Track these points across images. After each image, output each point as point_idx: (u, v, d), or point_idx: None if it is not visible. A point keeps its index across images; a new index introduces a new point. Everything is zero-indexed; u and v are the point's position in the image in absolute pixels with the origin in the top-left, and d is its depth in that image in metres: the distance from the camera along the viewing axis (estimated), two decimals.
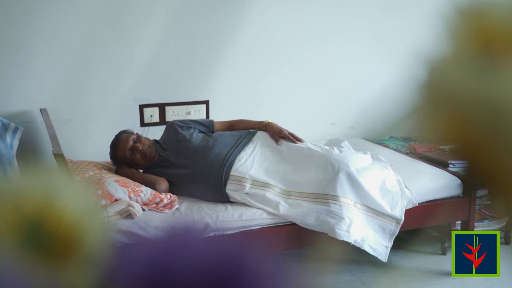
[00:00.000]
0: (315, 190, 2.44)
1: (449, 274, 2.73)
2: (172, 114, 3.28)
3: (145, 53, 3.16)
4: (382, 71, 3.61)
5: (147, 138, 2.75)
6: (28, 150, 2.89)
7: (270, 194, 2.44)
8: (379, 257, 2.40)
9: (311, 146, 2.62)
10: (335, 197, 2.38)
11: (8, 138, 2.53)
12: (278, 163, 2.59)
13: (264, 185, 2.47)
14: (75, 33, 2.97)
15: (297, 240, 2.37)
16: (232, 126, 2.86)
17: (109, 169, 2.68)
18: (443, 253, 2.94)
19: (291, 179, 2.51)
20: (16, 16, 2.85)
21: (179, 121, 2.80)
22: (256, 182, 2.48)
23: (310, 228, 2.35)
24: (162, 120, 3.28)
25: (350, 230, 2.32)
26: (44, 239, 0.37)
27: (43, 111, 2.83)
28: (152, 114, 3.25)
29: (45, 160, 2.88)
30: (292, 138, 2.68)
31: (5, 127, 2.57)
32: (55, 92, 3.01)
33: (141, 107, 3.22)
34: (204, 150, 2.59)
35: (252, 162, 2.57)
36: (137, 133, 2.74)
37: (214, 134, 2.73)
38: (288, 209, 2.39)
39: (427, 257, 2.93)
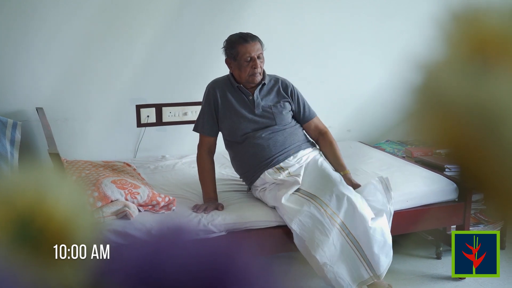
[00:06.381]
0: (309, 189, 2.40)
1: (444, 278, 2.74)
2: (169, 115, 3.28)
3: (142, 53, 3.16)
4: (379, 75, 3.61)
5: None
6: (24, 149, 2.88)
7: (291, 184, 2.43)
8: None
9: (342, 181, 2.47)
10: (322, 203, 2.33)
11: (8, 134, 2.55)
12: (310, 171, 2.51)
13: (297, 176, 2.46)
14: (73, 32, 2.97)
15: (291, 242, 2.37)
16: (319, 138, 2.65)
17: (105, 167, 2.66)
18: (438, 257, 2.94)
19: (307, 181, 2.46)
20: (14, 16, 2.85)
21: (293, 88, 2.64)
22: (290, 176, 2.47)
23: (295, 230, 2.31)
24: (159, 121, 3.28)
25: (326, 250, 2.25)
26: (36, 236, 0.37)
27: (39, 110, 2.82)
28: (149, 115, 3.24)
29: (41, 160, 2.87)
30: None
31: (4, 125, 2.58)
32: (51, 91, 3.01)
33: (138, 107, 3.22)
34: (277, 127, 2.53)
35: (300, 161, 2.52)
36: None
37: (295, 123, 2.62)
38: (287, 199, 2.37)
39: (422, 261, 2.93)
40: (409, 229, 2.69)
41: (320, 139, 2.64)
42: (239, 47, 2.46)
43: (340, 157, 2.59)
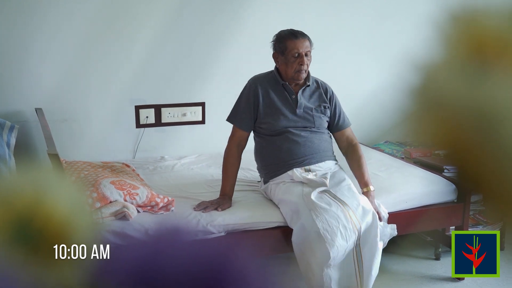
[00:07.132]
0: (336, 193, 2.39)
1: (443, 279, 2.74)
2: (168, 116, 3.28)
3: (141, 54, 3.16)
4: (377, 75, 3.62)
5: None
6: (22, 150, 2.88)
7: (319, 184, 2.41)
8: None
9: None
10: (346, 206, 2.32)
11: (5, 136, 2.54)
12: (336, 180, 2.49)
13: (324, 178, 2.45)
14: (72, 33, 2.97)
15: (290, 243, 2.37)
16: (348, 150, 2.62)
17: (104, 168, 2.66)
18: (437, 258, 2.94)
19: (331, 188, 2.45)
20: (14, 16, 2.85)
21: (332, 93, 2.65)
22: (316, 178, 2.46)
23: (319, 228, 2.26)
24: (158, 122, 3.27)
25: (339, 253, 2.23)
26: (36, 236, 0.37)
27: (38, 110, 2.82)
28: (148, 115, 3.24)
29: (40, 160, 2.87)
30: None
31: (2, 127, 2.57)
32: (50, 92, 3.01)
33: (137, 108, 3.22)
34: (315, 129, 2.53)
35: (328, 170, 2.52)
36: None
37: (328, 132, 2.63)
38: (316, 196, 2.35)
39: (420, 262, 2.93)
40: (408, 230, 2.69)
41: (350, 152, 2.60)
42: (288, 42, 2.47)
43: (367, 174, 2.54)
